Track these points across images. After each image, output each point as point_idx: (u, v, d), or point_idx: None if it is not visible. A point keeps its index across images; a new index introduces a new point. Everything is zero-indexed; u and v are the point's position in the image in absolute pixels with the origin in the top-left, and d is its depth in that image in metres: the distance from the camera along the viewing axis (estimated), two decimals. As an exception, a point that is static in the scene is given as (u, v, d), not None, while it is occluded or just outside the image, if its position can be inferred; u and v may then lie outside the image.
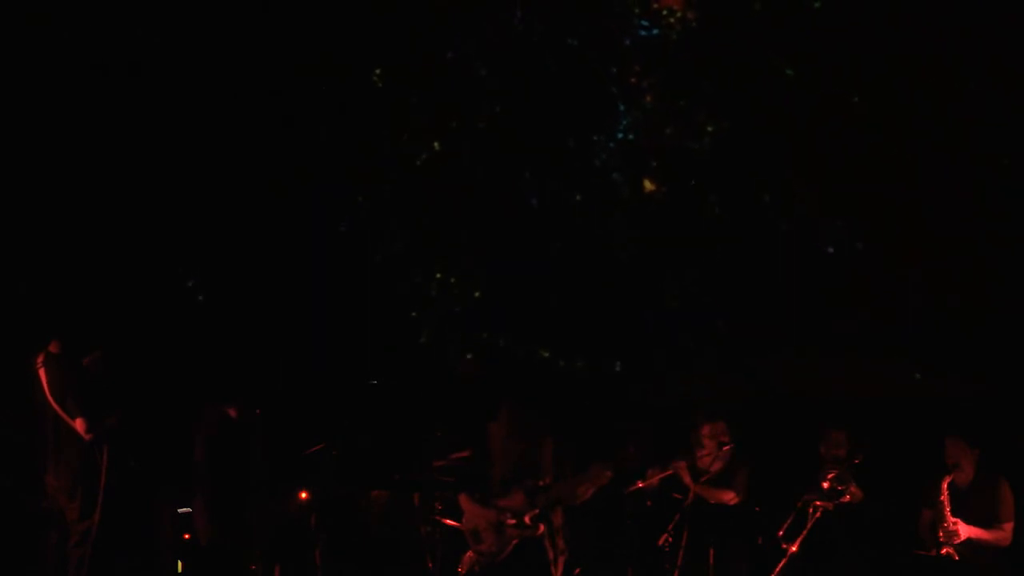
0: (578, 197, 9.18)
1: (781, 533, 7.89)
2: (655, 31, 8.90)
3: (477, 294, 9.31)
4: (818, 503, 7.92)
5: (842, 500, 7.94)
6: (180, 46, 9.03)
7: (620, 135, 9.14)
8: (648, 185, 8.92)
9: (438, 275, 9.34)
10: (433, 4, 9.07)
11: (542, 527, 7.71)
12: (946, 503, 7.84)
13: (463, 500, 8.06)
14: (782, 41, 8.87)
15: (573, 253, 9.33)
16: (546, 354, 9.29)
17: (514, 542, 7.76)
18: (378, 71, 9.22)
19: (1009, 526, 7.82)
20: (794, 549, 7.79)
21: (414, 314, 9.39)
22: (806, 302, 9.18)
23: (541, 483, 7.77)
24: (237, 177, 9.26)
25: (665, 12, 8.85)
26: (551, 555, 7.74)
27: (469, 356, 9.40)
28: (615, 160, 9.14)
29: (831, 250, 8.98)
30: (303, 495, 8.51)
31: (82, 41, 8.81)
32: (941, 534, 7.80)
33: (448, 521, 8.34)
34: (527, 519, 7.74)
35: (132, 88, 8.89)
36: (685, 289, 9.21)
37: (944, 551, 7.78)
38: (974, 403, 8.60)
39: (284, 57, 9.11)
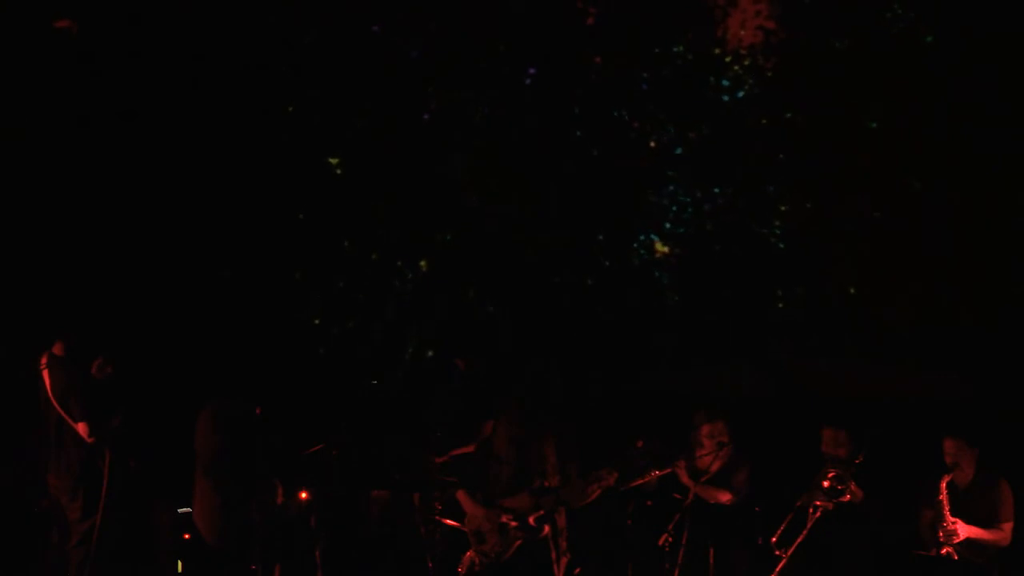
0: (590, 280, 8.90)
1: (775, 540, 7.90)
2: (740, 93, 8.31)
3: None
4: (818, 503, 7.92)
5: (842, 500, 7.93)
6: (179, 47, 9.04)
7: (668, 225, 8.72)
8: (660, 248, 8.64)
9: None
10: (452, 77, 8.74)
11: (547, 528, 7.71)
12: (945, 503, 7.85)
13: (463, 500, 8.05)
14: (871, 87, 8.30)
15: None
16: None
17: (518, 543, 7.76)
18: (336, 160, 9.01)
19: (1008, 526, 7.83)
20: (789, 552, 7.79)
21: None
22: (806, 303, 9.19)
23: (547, 484, 7.77)
24: (237, 179, 9.27)
25: (729, 58, 8.23)
26: (554, 556, 7.74)
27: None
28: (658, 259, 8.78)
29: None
30: (303, 495, 8.50)
31: (82, 41, 8.82)
32: (941, 534, 7.81)
33: (448, 521, 8.34)
34: (531, 520, 7.74)
35: (134, 92, 8.91)
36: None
37: (944, 551, 7.79)
38: (973, 403, 8.62)
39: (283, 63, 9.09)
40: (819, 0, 8.35)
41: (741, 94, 8.34)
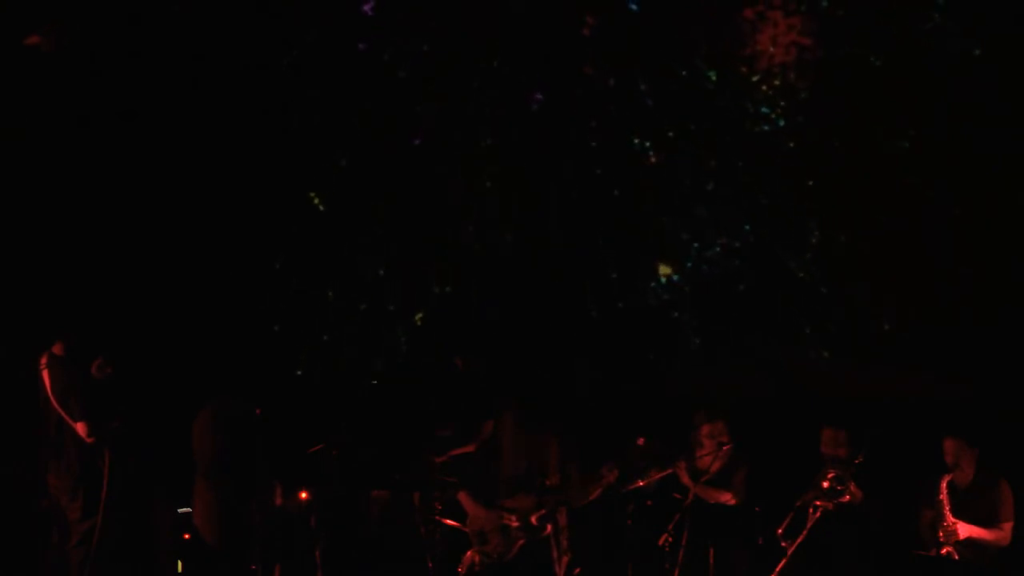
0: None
1: (780, 531, 7.91)
2: (780, 122, 7.94)
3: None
4: (818, 503, 7.93)
5: (842, 500, 7.94)
6: (179, 47, 9.05)
7: (689, 263, 8.52)
8: (664, 269, 8.50)
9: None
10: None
11: (548, 527, 7.72)
12: (945, 502, 7.85)
13: (465, 501, 8.06)
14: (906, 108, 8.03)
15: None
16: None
17: (520, 543, 7.77)
18: (316, 197, 8.95)
19: (1008, 526, 7.83)
20: (790, 551, 7.80)
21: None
22: (806, 303, 9.19)
23: (548, 483, 7.77)
24: (233, 180, 9.28)
25: (756, 78, 7.88)
26: (555, 555, 7.74)
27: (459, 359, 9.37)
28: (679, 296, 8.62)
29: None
30: (303, 495, 8.50)
31: (82, 42, 8.83)
32: (941, 534, 7.81)
33: (448, 521, 8.34)
34: (533, 520, 7.75)
35: (134, 92, 8.92)
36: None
37: (944, 551, 7.79)
38: (973, 403, 8.62)
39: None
40: (855, 13, 7.99)
41: (782, 123, 7.98)
